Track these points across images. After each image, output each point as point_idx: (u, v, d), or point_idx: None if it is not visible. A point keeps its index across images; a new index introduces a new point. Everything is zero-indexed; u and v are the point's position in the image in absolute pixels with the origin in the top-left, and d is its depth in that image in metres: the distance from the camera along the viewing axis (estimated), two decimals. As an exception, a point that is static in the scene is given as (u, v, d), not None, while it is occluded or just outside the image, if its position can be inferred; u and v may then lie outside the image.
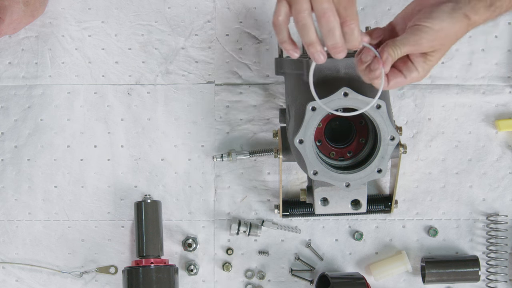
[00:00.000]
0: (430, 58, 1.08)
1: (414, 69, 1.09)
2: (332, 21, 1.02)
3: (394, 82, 1.09)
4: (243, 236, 1.39)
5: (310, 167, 1.18)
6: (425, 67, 1.09)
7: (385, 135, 1.17)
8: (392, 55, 1.06)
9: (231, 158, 1.36)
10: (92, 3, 1.40)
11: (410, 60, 1.09)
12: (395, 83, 1.09)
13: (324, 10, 1.01)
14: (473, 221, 1.40)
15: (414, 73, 1.09)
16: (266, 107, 1.40)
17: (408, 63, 1.09)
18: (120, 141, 1.40)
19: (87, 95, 1.40)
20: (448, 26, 1.06)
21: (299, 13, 1.02)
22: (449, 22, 1.06)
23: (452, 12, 1.06)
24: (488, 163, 1.40)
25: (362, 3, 1.39)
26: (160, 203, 1.37)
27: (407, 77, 1.09)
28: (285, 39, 1.06)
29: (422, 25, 1.06)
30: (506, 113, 1.40)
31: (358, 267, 1.40)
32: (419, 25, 1.06)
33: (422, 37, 1.06)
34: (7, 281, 1.39)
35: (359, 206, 1.26)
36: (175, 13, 1.40)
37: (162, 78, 1.40)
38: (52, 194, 1.40)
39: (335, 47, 1.03)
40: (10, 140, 1.40)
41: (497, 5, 1.07)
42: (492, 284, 1.38)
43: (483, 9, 1.06)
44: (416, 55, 1.08)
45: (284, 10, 1.04)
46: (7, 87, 1.40)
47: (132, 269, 1.33)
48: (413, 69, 1.09)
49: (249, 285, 1.39)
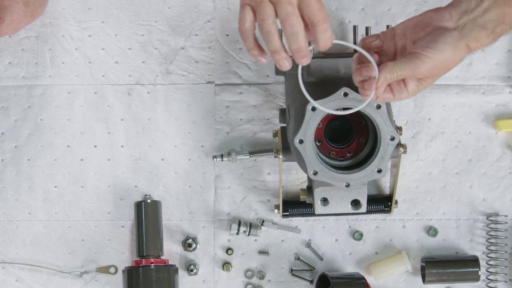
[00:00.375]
0: (424, 83, 1.09)
1: (405, 91, 1.09)
2: (296, 25, 1.01)
3: (381, 98, 1.09)
4: (243, 236, 1.39)
5: (310, 167, 1.18)
6: (415, 90, 1.09)
7: (385, 135, 1.17)
8: (388, 78, 1.06)
9: (231, 158, 1.36)
10: (92, 3, 1.40)
11: (403, 82, 1.09)
12: (382, 99, 1.09)
13: (287, 15, 1.01)
14: (473, 221, 1.40)
15: (404, 94, 1.09)
16: (266, 107, 1.40)
17: (401, 84, 1.09)
18: (120, 141, 1.40)
19: (87, 95, 1.40)
20: (450, 56, 1.06)
21: (264, 20, 1.02)
22: (451, 53, 1.05)
23: (456, 43, 1.05)
24: (488, 163, 1.40)
25: (362, 3, 1.39)
26: (160, 203, 1.37)
27: (395, 96, 1.09)
28: (252, 46, 1.05)
29: (424, 55, 1.05)
30: (506, 113, 1.40)
31: (358, 267, 1.40)
32: (420, 54, 1.06)
33: (421, 67, 1.06)
34: (7, 281, 1.39)
35: (359, 206, 1.26)
36: (175, 13, 1.40)
37: (162, 78, 1.40)
38: (52, 194, 1.40)
39: (299, 51, 1.02)
40: (10, 140, 1.40)
41: (497, 31, 1.07)
42: (492, 284, 1.38)
43: (484, 37, 1.06)
44: (411, 79, 1.09)
45: (249, 17, 1.03)
46: (7, 87, 1.40)
47: (132, 269, 1.33)
48: (404, 91, 1.09)
49: (249, 285, 1.39)
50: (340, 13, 1.39)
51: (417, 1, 1.39)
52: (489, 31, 1.06)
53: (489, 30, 1.06)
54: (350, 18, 1.39)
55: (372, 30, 1.32)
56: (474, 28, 1.05)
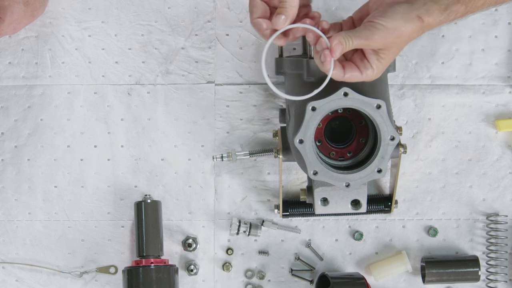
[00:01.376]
0: (383, 56, 1.10)
1: (369, 66, 1.11)
2: None
3: (349, 75, 1.11)
4: (243, 236, 1.39)
5: (310, 167, 1.18)
6: (378, 65, 1.11)
7: (385, 135, 1.17)
8: (343, 43, 1.08)
9: (231, 158, 1.36)
10: (92, 3, 1.40)
11: (365, 57, 1.11)
12: (350, 76, 1.11)
13: None
14: (473, 221, 1.40)
15: (369, 70, 1.11)
16: (266, 107, 1.40)
17: (364, 60, 1.11)
18: (120, 141, 1.40)
19: (87, 95, 1.40)
20: (401, 26, 1.08)
21: None
22: (402, 22, 1.08)
23: (406, 13, 1.08)
24: (488, 163, 1.40)
25: (362, 3, 1.39)
26: (160, 203, 1.37)
27: (363, 73, 1.11)
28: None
29: (376, 22, 1.08)
30: (506, 113, 1.40)
31: (358, 267, 1.40)
32: (373, 21, 1.08)
33: (374, 33, 1.08)
34: (7, 281, 1.39)
35: (359, 206, 1.26)
36: (175, 13, 1.40)
37: (162, 78, 1.40)
38: (52, 194, 1.40)
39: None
40: (10, 140, 1.40)
41: (452, 9, 1.09)
42: (492, 284, 1.38)
43: (437, 12, 1.08)
44: (370, 52, 1.11)
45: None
46: (7, 87, 1.40)
47: (132, 269, 1.33)
48: (368, 66, 1.11)
49: (249, 285, 1.39)
50: (340, 13, 1.39)
51: (417, 1, 1.39)
52: (442, 7, 1.08)
53: (442, 6, 1.08)
54: (350, 18, 1.39)
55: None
56: (426, 2, 1.08)
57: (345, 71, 1.11)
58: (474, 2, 1.10)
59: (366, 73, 1.11)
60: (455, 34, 1.39)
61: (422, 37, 1.39)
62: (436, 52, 1.39)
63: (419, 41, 1.39)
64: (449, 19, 1.10)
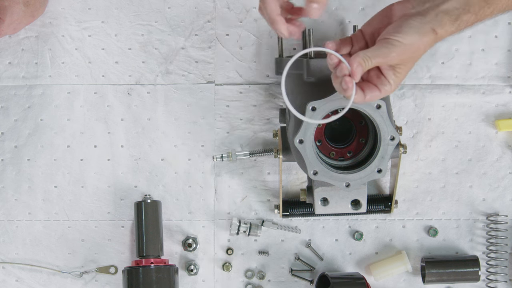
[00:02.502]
0: (399, 71, 1.11)
1: (387, 83, 1.11)
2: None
3: (370, 96, 1.11)
4: (243, 236, 1.39)
5: (310, 167, 1.18)
6: (395, 80, 1.11)
7: (385, 135, 1.17)
8: (363, 65, 1.08)
9: (231, 158, 1.36)
10: (92, 3, 1.40)
11: (382, 74, 1.11)
12: (370, 97, 1.11)
13: None
14: (473, 221, 1.40)
15: (387, 86, 1.11)
16: (266, 107, 1.40)
17: (381, 77, 1.11)
18: (120, 141, 1.40)
19: (87, 95, 1.40)
20: (417, 40, 1.08)
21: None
22: (418, 36, 1.08)
23: (420, 27, 1.08)
24: (488, 163, 1.40)
25: (362, 3, 1.39)
26: (160, 203, 1.37)
27: (382, 91, 1.11)
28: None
29: (392, 39, 1.08)
30: (506, 113, 1.40)
31: (358, 267, 1.40)
32: (389, 39, 1.08)
33: (392, 51, 1.08)
34: (7, 281, 1.39)
35: (359, 206, 1.26)
36: (175, 13, 1.40)
37: (162, 78, 1.40)
38: (52, 194, 1.40)
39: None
40: (10, 140, 1.40)
41: (463, 19, 1.09)
42: (492, 284, 1.38)
43: (449, 23, 1.09)
44: (386, 68, 1.10)
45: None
46: (7, 87, 1.40)
47: (132, 269, 1.33)
48: (386, 83, 1.11)
49: (249, 285, 1.39)
50: (340, 13, 1.39)
51: (417, 1, 1.39)
52: (453, 17, 1.09)
53: (453, 17, 1.09)
54: (350, 18, 1.39)
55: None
56: (437, 14, 1.09)
57: (365, 93, 1.10)
58: (483, 11, 1.10)
59: (384, 90, 1.11)
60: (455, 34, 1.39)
61: (422, 37, 1.39)
62: (436, 52, 1.39)
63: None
64: (460, 29, 1.10)
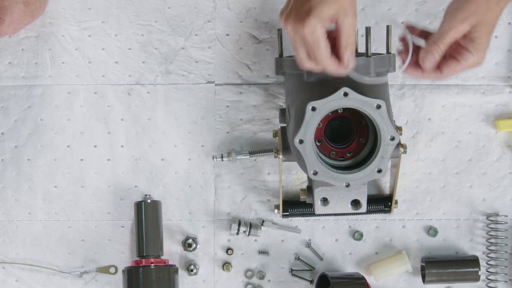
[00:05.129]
0: (476, 35, 1.09)
1: (467, 52, 1.10)
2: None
3: (448, 69, 1.11)
4: (243, 236, 1.39)
5: (310, 167, 1.18)
6: (478, 48, 1.10)
7: (385, 135, 1.17)
8: (436, 54, 1.09)
9: (231, 158, 1.36)
10: (92, 3, 1.40)
11: (461, 46, 1.10)
12: (449, 70, 1.11)
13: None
14: (473, 221, 1.40)
15: (468, 57, 1.10)
16: (266, 107, 1.40)
17: (461, 49, 1.10)
18: (120, 141, 1.40)
19: (87, 95, 1.40)
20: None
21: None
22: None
23: None
24: (488, 163, 1.40)
25: (362, 3, 1.39)
26: (160, 203, 1.37)
27: (462, 62, 1.10)
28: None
29: (449, 8, 1.08)
30: (506, 113, 1.40)
31: (358, 267, 1.40)
32: (447, 10, 1.09)
33: (453, 18, 1.08)
34: (7, 281, 1.39)
35: (359, 206, 1.26)
36: (175, 13, 1.40)
37: (162, 78, 1.40)
38: (52, 194, 1.40)
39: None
40: (10, 140, 1.40)
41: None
42: (492, 284, 1.38)
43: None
44: (465, 41, 1.10)
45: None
46: (7, 87, 1.40)
47: (132, 269, 1.33)
48: (465, 53, 1.10)
49: (249, 285, 1.39)
50: (340, 13, 1.39)
51: (417, 1, 1.39)
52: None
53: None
54: (350, 18, 1.39)
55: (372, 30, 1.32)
56: None
57: (442, 68, 1.11)
58: None
59: (466, 61, 1.10)
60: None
61: (422, 37, 1.39)
62: (436, 52, 1.39)
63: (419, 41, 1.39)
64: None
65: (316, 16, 1.02)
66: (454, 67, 1.11)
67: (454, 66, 1.11)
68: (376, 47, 1.37)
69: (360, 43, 1.34)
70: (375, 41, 1.37)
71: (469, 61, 1.11)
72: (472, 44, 1.10)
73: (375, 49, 1.36)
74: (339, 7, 1.03)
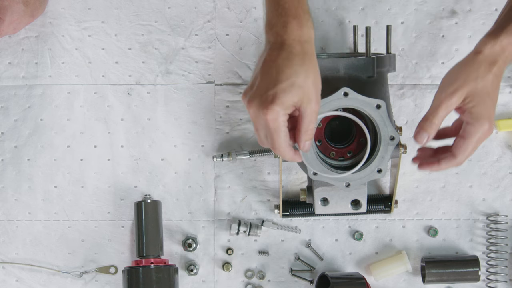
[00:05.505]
0: (470, 105, 1.09)
1: (470, 126, 1.09)
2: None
3: (458, 150, 1.12)
4: (243, 236, 1.39)
5: (310, 167, 1.18)
6: (477, 117, 1.09)
7: (385, 135, 1.17)
8: (430, 131, 1.11)
9: (231, 158, 1.36)
10: (92, 3, 1.40)
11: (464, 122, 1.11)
12: (459, 151, 1.12)
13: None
14: (473, 221, 1.40)
15: (472, 130, 1.09)
16: (266, 107, 1.40)
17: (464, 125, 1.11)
18: (120, 141, 1.40)
19: (87, 95, 1.40)
20: (460, 66, 1.10)
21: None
22: (460, 65, 1.10)
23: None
24: (488, 163, 1.40)
25: (362, 3, 1.39)
26: (160, 203, 1.37)
27: (468, 137, 1.10)
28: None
29: (442, 82, 1.11)
30: (506, 113, 1.40)
31: (358, 267, 1.40)
32: (440, 84, 1.11)
33: (444, 91, 1.09)
34: (7, 281, 1.39)
35: (359, 206, 1.26)
36: (175, 13, 1.40)
37: (162, 78, 1.40)
38: (52, 194, 1.40)
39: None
40: (10, 140, 1.40)
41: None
42: (492, 284, 1.38)
43: (489, 39, 1.10)
44: (463, 115, 1.10)
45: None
46: (7, 87, 1.40)
47: (132, 269, 1.33)
48: (469, 127, 1.10)
49: (249, 285, 1.39)
50: (340, 13, 1.39)
51: (417, 1, 1.39)
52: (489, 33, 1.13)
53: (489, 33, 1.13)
54: (350, 18, 1.39)
55: (372, 30, 1.32)
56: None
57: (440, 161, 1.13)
58: None
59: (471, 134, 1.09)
60: (455, 34, 1.39)
61: (422, 37, 1.39)
62: (436, 52, 1.39)
63: (419, 41, 1.39)
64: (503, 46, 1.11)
65: (280, 104, 1.01)
66: (462, 145, 1.10)
67: (462, 144, 1.10)
68: (376, 47, 1.37)
69: (360, 43, 1.34)
70: (375, 41, 1.37)
71: (474, 134, 1.09)
72: (470, 115, 1.09)
73: (375, 49, 1.36)
74: (302, 94, 1.02)
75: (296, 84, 1.01)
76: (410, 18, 1.39)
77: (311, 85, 1.03)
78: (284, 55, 1.02)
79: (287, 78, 1.01)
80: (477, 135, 1.09)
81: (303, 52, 1.03)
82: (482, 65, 1.09)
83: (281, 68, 1.02)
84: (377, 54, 1.28)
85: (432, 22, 1.39)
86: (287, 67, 1.02)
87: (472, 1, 1.39)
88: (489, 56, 1.09)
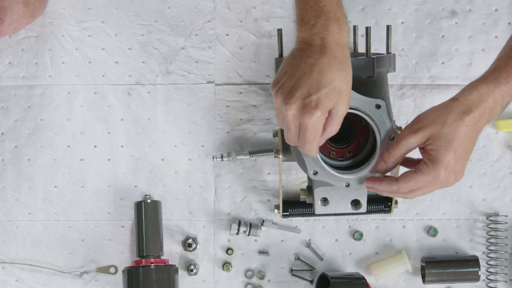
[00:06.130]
0: (431, 147, 1.10)
1: (424, 165, 1.10)
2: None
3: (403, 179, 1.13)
4: (243, 236, 1.39)
5: (310, 167, 1.18)
6: (434, 161, 1.09)
7: (385, 135, 1.17)
8: (388, 162, 1.13)
9: (231, 158, 1.36)
10: (92, 3, 1.40)
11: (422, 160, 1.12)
12: (404, 181, 1.13)
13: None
14: (473, 221, 1.40)
15: (425, 170, 1.10)
16: (266, 107, 1.40)
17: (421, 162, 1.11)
18: (120, 141, 1.40)
19: (87, 95, 1.40)
20: (432, 108, 1.13)
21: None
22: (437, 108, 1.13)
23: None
24: (488, 163, 1.40)
25: (362, 3, 1.39)
26: (160, 203, 1.37)
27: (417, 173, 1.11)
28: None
29: (415, 118, 1.13)
30: (506, 113, 1.40)
31: (358, 267, 1.40)
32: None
33: (410, 128, 1.11)
34: (7, 281, 1.39)
35: (359, 206, 1.26)
36: (175, 13, 1.40)
37: (162, 78, 1.40)
38: (52, 194, 1.40)
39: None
40: (10, 140, 1.40)
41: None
42: (492, 284, 1.38)
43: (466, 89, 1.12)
44: (423, 153, 1.11)
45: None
46: (7, 87, 1.40)
47: (132, 269, 1.33)
48: (423, 166, 1.11)
49: (249, 285, 1.39)
50: (340, 13, 1.39)
51: (417, 1, 1.39)
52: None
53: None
54: (350, 18, 1.39)
55: (372, 30, 1.32)
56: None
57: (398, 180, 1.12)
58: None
59: (421, 171, 1.10)
60: (455, 34, 1.39)
61: (422, 37, 1.39)
62: (436, 52, 1.39)
63: (419, 41, 1.39)
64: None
65: (323, 109, 1.05)
66: (409, 175, 1.11)
67: (409, 175, 1.11)
68: (376, 47, 1.37)
69: (360, 43, 1.34)
70: (375, 41, 1.37)
71: (425, 173, 1.09)
72: (427, 157, 1.10)
73: (375, 49, 1.36)
74: (338, 98, 1.06)
75: (336, 89, 1.05)
76: (410, 18, 1.39)
77: (347, 89, 1.06)
78: (327, 59, 1.05)
79: (329, 83, 1.04)
80: (427, 177, 1.10)
81: (343, 57, 1.06)
82: (453, 112, 1.09)
83: (324, 72, 1.05)
84: (377, 54, 1.28)
85: (432, 22, 1.39)
86: (329, 71, 1.05)
87: (472, 1, 1.39)
88: (463, 104, 1.09)
